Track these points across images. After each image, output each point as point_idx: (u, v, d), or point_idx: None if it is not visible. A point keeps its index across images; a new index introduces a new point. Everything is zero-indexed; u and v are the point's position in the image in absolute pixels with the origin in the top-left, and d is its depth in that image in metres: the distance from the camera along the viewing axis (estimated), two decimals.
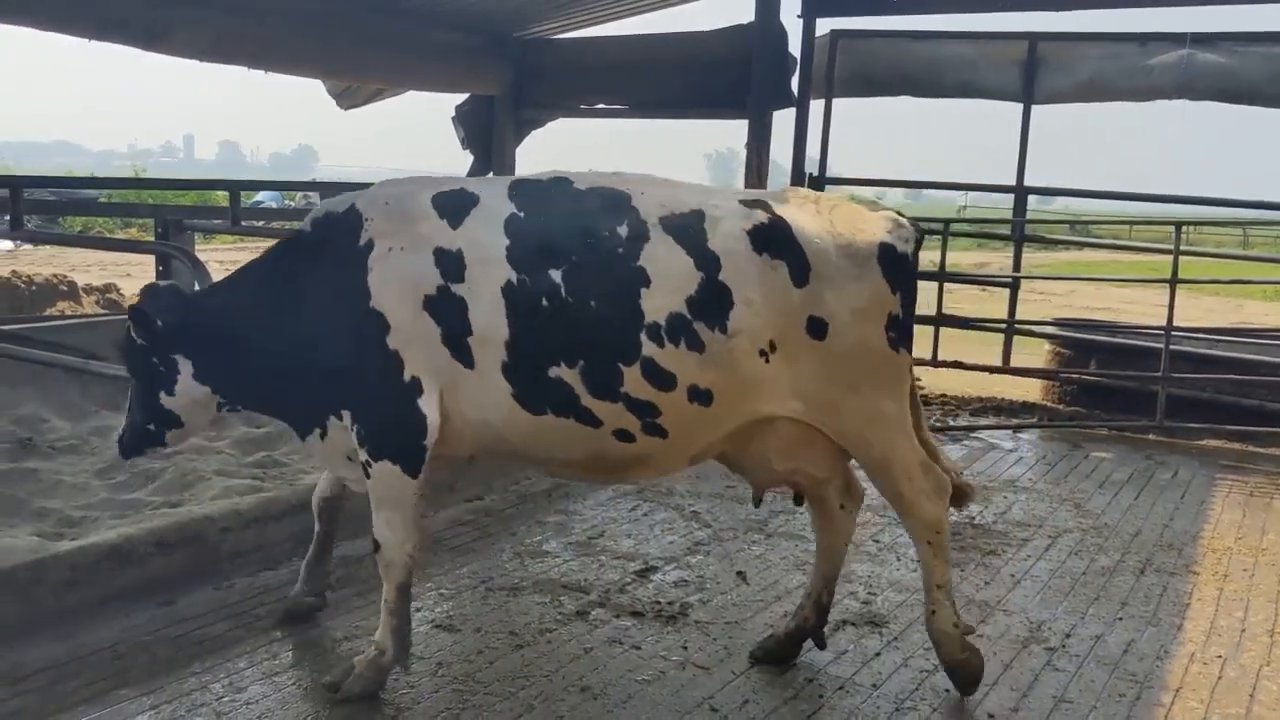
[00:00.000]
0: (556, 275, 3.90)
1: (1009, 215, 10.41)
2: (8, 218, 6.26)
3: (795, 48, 9.90)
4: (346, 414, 4.08)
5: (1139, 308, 18.00)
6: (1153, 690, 4.42)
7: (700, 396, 3.95)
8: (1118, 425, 8.89)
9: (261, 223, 10.58)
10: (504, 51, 10.81)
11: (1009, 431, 8.95)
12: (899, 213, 4.28)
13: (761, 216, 4.03)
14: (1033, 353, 10.71)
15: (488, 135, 11.09)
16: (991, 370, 9.11)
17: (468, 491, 6.51)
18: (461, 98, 11.17)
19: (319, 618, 4.75)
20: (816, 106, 9.93)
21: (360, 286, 3.98)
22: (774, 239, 3.98)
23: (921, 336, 9.60)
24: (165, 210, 7.91)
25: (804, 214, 4.11)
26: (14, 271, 12.15)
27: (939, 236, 8.91)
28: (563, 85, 10.84)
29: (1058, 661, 4.64)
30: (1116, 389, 9.20)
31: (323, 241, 4.15)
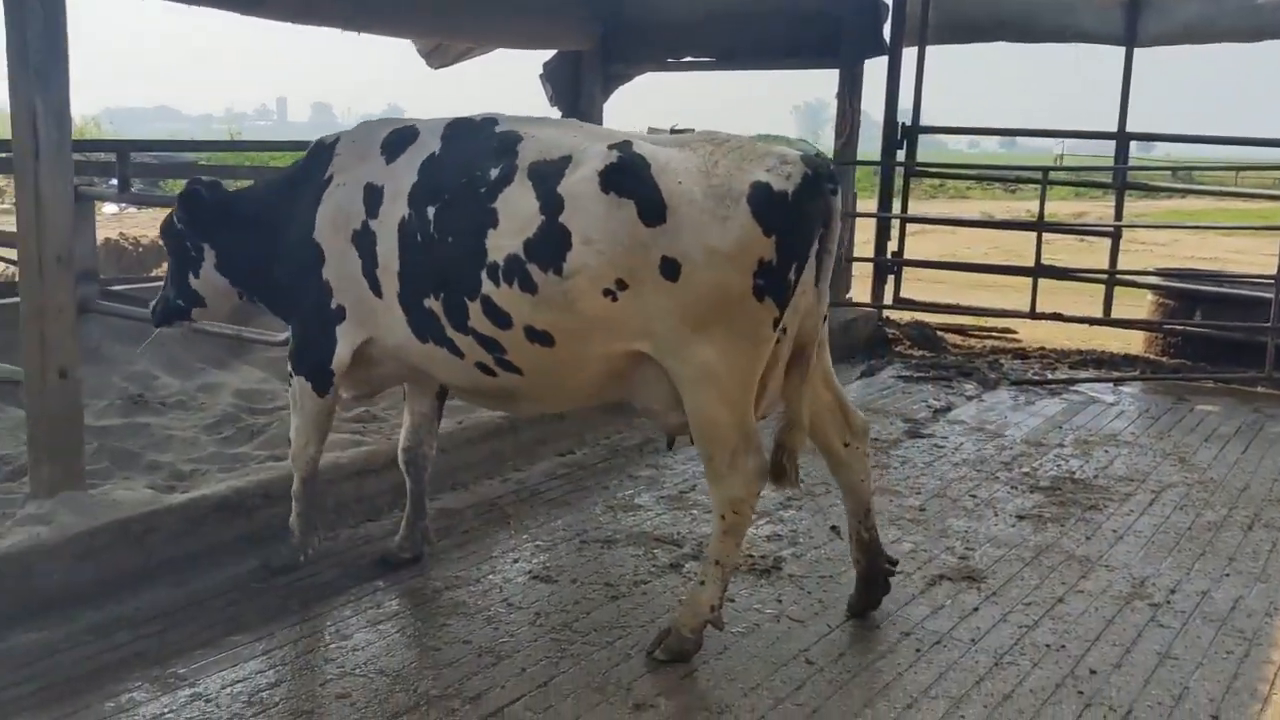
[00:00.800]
0: (431, 212, 4.17)
1: (1109, 164, 10.12)
2: (114, 181, 6.42)
3: None
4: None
5: (1246, 257, 17.39)
6: (1262, 648, 4.31)
7: (539, 337, 4.02)
8: (1224, 378, 8.64)
9: None
10: (591, 6, 10.77)
11: (1110, 384, 8.76)
12: (818, 154, 4.00)
13: (614, 156, 3.90)
14: (1135, 304, 10.43)
15: (575, 91, 11.09)
16: (1091, 322, 8.93)
17: (559, 445, 6.57)
18: (549, 54, 11.17)
19: (421, 567, 4.84)
20: (910, 55, 9.75)
21: (311, 217, 4.44)
22: (623, 178, 3.86)
23: (1016, 288, 9.52)
24: (263, 172, 8.05)
25: (682, 154, 3.91)
26: (121, 234, 12.50)
27: (1037, 186, 8.71)
28: (650, 39, 10.79)
29: (1162, 617, 4.55)
30: (1222, 340, 8.94)
31: (308, 168, 4.60)
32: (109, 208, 18.68)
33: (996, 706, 3.82)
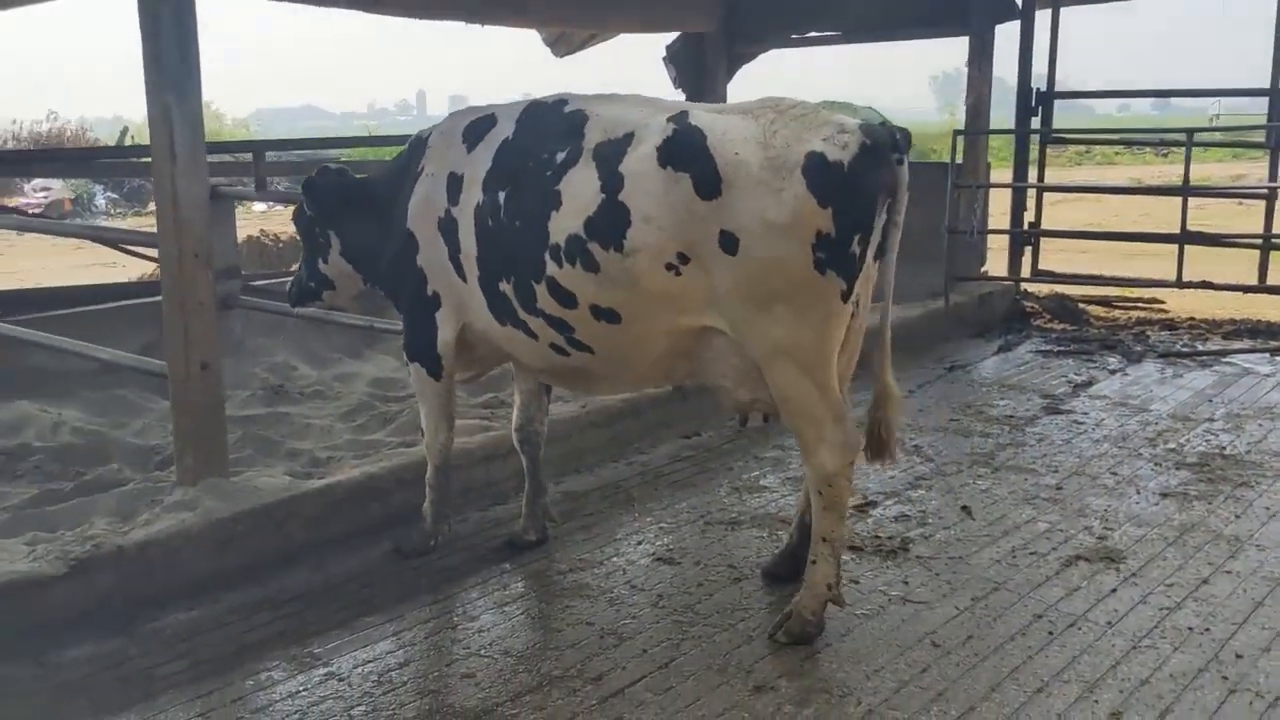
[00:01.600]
0: (501, 197, 4.25)
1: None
2: (253, 180, 6.66)
3: None
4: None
5: None
6: None
7: (605, 315, 4.05)
8: None
9: None
10: None
11: (1266, 355, 8.33)
12: (883, 122, 3.81)
13: (671, 130, 3.86)
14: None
15: (699, 73, 11.05)
16: (1244, 289, 8.50)
17: (684, 428, 6.56)
18: (672, 37, 11.15)
19: (545, 550, 4.91)
20: (1043, 19, 9.41)
21: (406, 207, 4.58)
22: (679, 152, 3.82)
23: (1166, 256, 9.11)
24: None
25: (744, 122, 3.82)
26: (262, 230, 12.96)
27: (1187, 149, 8.33)
28: (773, 15, 10.67)
29: None
30: None
31: (406, 160, 4.76)
32: (257, 206, 19.38)
33: (1133, 692, 3.68)
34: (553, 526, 5.07)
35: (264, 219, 19.43)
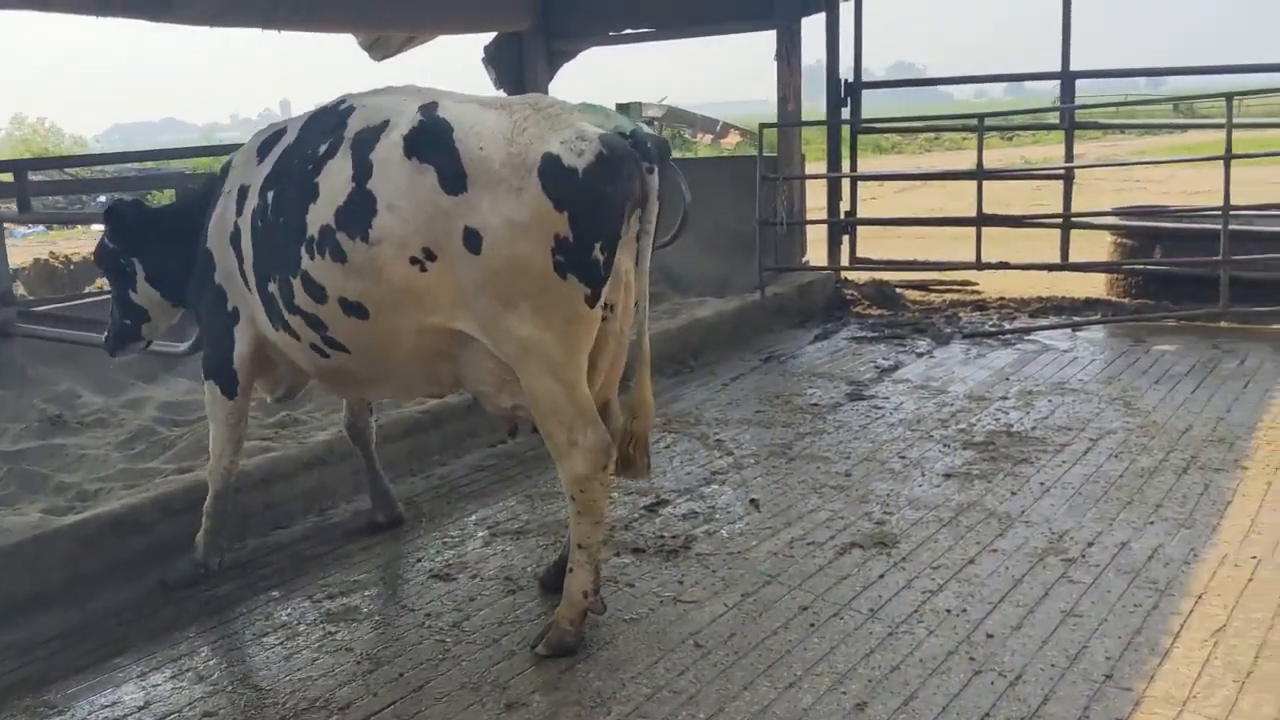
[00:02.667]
0: (269, 197, 4.24)
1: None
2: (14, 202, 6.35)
3: None
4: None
5: (1205, 195, 17.07)
6: (1173, 598, 4.17)
7: (352, 309, 4.01)
8: (1184, 315, 8.45)
9: None
10: None
11: (1068, 331, 8.58)
12: (633, 131, 3.72)
13: (418, 120, 3.84)
14: (1099, 245, 10.18)
15: (519, 73, 10.94)
16: (1043, 268, 8.73)
17: (491, 437, 6.46)
18: (490, 38, 11.03)
19: (317, 574, 4.75)
20: (848, 10, 9.55)
21: (206, 227, 4.57)
22: (425, 143, 3.79)
23: (965, 239, 9.31)
24: (190, 179, 7.97)
25: (492, 118, 3.76)
26: (51, 253, 12.42)
27: (1044, 131, 8.53)
28: (588, 14, 10.64)
29: (1074, 573, 4.41)
30: (1183, 277, 8.74)
31: (212, 181, 4.79)
32: (21, 229, 18.42)
33: (882, 680, 3.69)
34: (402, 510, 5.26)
35: (52, 240, 18.53)
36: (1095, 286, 9.79)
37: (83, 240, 18.21)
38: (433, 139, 3.78)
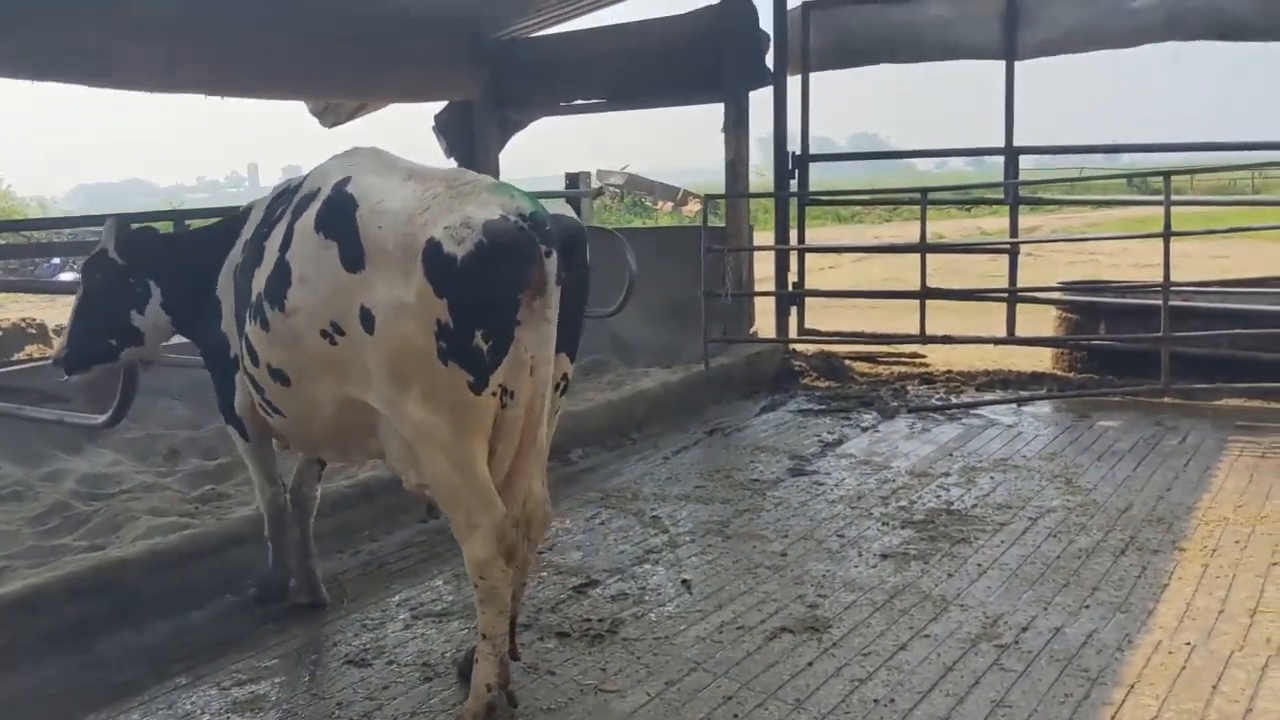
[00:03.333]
0: (244, 255, 4.38)
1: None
2: None
3: (768, 24, 9.59)
4: None
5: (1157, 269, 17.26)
6: (1105, 687, 4.06)
7: (277, 375, 4.14)
8: (1130, 391, 8.44)
9: None
10: (478, 55, 10.66)
11: (1014, 405, 8.54)
12: (533, 213, 3.59)
13: (329, 194, 3.92)
14: (1049, 318, 10.20)
15: (469, 142, 10.92)
16: (983, 342, 8.73)
17: (422, 512, 6.29)
18: (440, 106, 11.02)
19: (231, 656, 4.56)
20: (795, 84, 9.61)
21: (219, 273, 4.63)
22: (330, 219, 3.85)
23: (910, 310, 9.29)
24: None
25: (403, 195, 3.72)
26: None
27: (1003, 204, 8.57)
28: (539, 84, 10.66)
29: (1006, 660, 4.30)
30: (1127, 352, 8.75)
31: (230, 226, 4.74)
32: None
33: None
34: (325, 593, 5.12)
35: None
36: (1042, 360, 9.78)
37: (14, 307, 17.87)
38: (338, 214, 3.81)
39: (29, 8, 7.07)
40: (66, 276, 22.44)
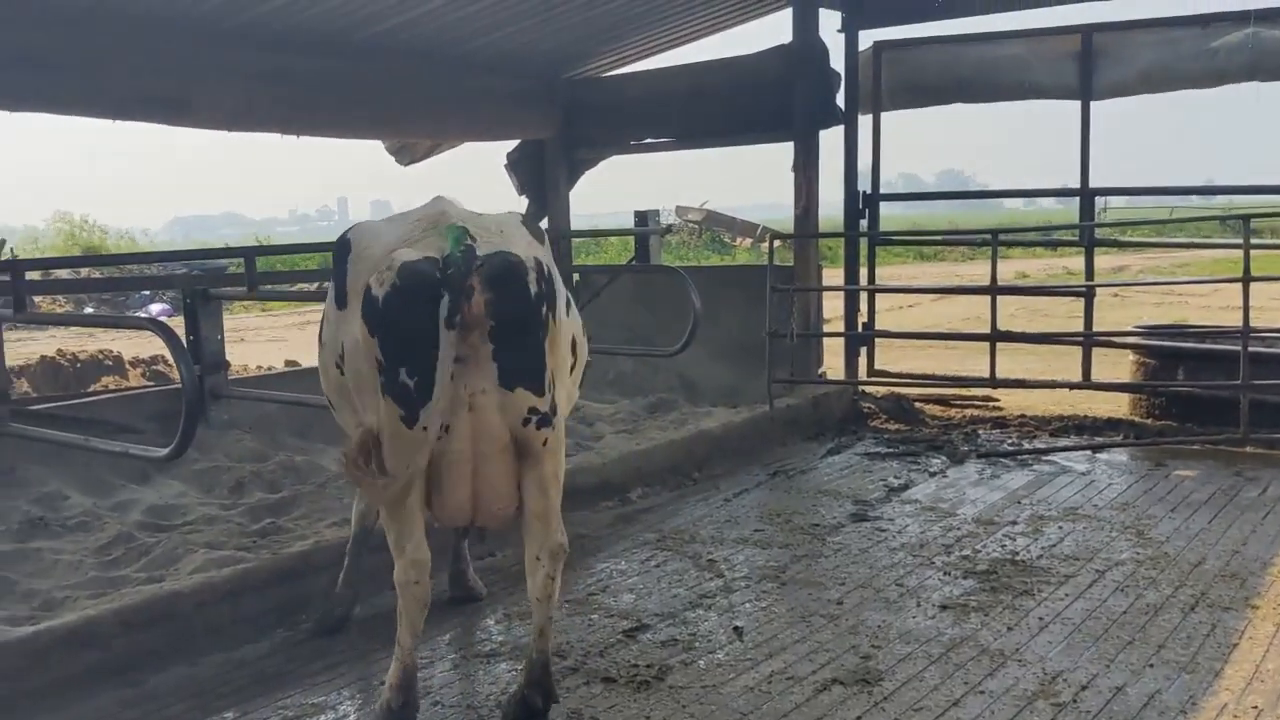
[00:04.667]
0: None
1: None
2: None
3: (840, 64, 9.54)
4: None
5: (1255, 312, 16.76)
6: None
7: (328, 401, 4.61)
8: (1208, 439, 8.17)
9: (282, 286, 10.66)
10: (551, 94, 10.74)
11: (1088, 452, 8.32)
12: (466, 239, 3.85)
13: (344, 234, 4.35)
14: (1122, 363, 9.94)
15: (540, 179, 11.00)
16: (1057, 386, 8.52)
17: (477, 550, 6.29)
18: (513, 144, 11.12)
19: (277, 693, 4.58)
20: (866, 123, 9.54)
21: None
22: (335, 259, 4.26)
23: (1009, 353, 9.10)
24: (194, 280, 8.01)
25: (391, 238, 4.07)
26: (59, 350, 12.51)
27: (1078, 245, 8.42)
28: (610, 122, 10.70)
29: None
30: (1207, 399, 8.47)
31: None
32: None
33: None
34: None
35: (59, 338, 18.61)
36: (1119, 405, 9.52)
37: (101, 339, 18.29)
38: (337, 255, 4.25)
39: (109, 50, 7.28)
40: (156, 308, 23.12)
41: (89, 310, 22.80)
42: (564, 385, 4.33)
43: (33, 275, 7.11)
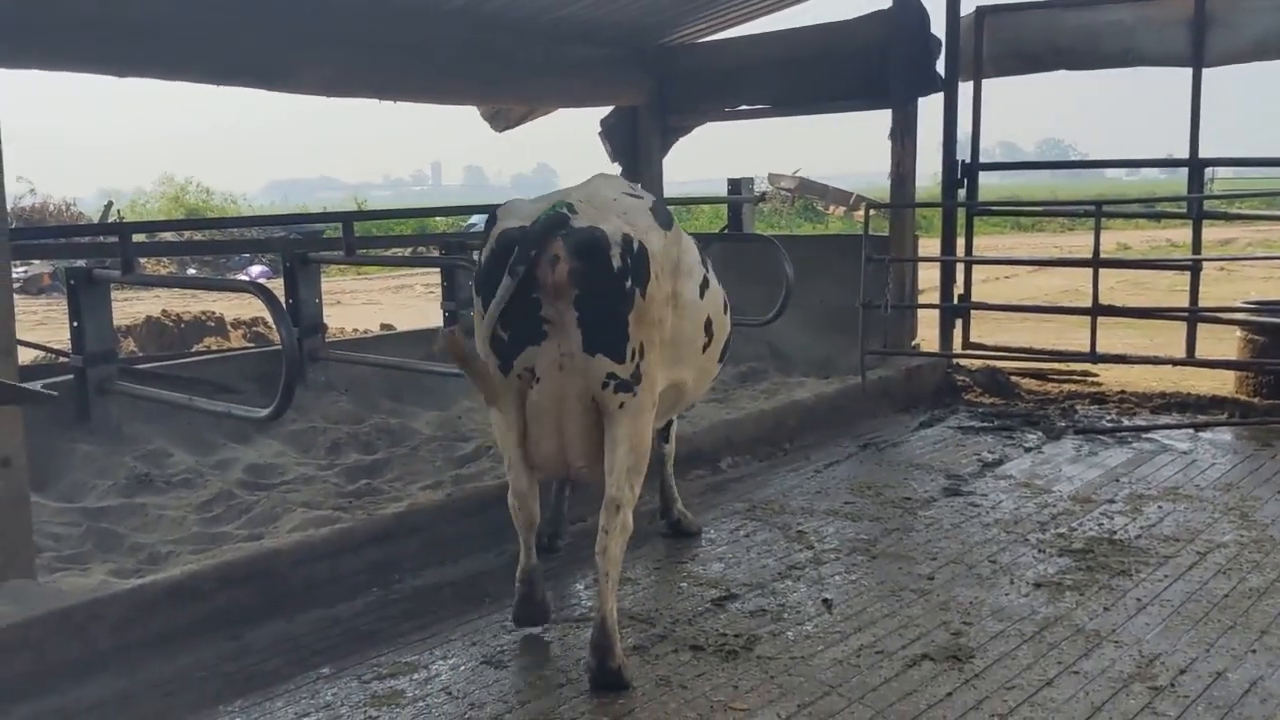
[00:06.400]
0: None
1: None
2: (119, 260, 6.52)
3: (940, 29, 9.34)
4: None
5: None
6: None
7: None
8: None
9: (378, 251, 10.76)
10: (644, 61, 10.68)
11: (1190, 431, 8.10)
12: (564, 209, 4.28)
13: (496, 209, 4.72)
14: (1229, 339, 9.62)
15: (634, 146, 10.98)
16: (1159, 362, 8.28)
17: (572, 514, 6.33)
18: (607, 111, 11.10)
19: (368, 651, 4.67)
20: (966, 90, 9.33)
21: None
22: (485, 226, 4.72)
23: (1086, 326, 8.87)
24: (293, 244, 8.15)
25: (531, 209, 4.45)
26: (164, 311, 12.84)
27: (1096, 220, 8.18)
28: (704, 90, 10.62)
29: (1160, 704, 4.06)
30: None
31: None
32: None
33: None
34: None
35: (163, 299, 19.04)
36: (1224, 383, 9.23)
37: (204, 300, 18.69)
38: (485, 227, 4.69)
39: (211, 18, 7.41)
40: (256, 270, 23.67)
41: (192, 272, 23.38)
42: (687, 363, 4.88)
43: (138, 237, 7.33)
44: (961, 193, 9.58)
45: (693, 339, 4.82)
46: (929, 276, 10.50)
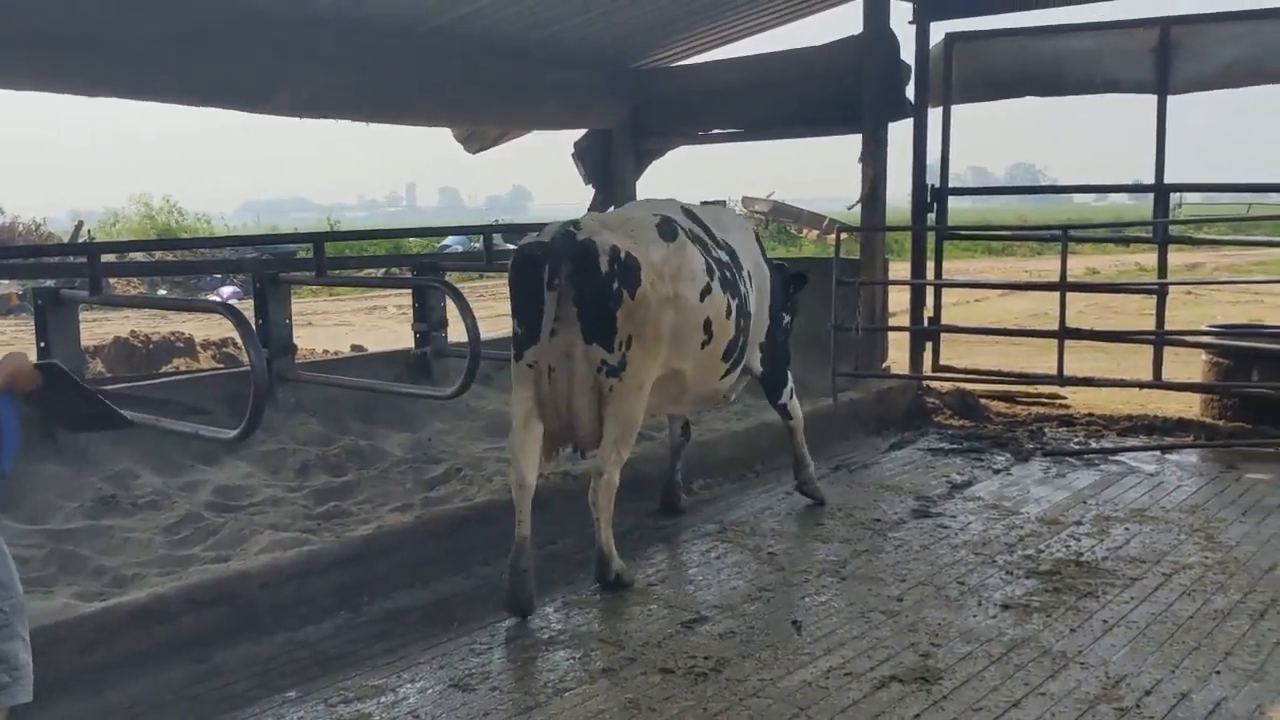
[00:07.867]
0: None
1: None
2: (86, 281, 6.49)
3: (910, 56, 9.44)
4: None
5: None
6: None
7: None
8: None
9: (350, 271, 10.72)
10: (618, 84, 10.74)
11: (1156, 453, 8.17)
12: (571, 227, 5.27)
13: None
14: (1195, 362, 9.74)
15: (607, 169, 11.02)
16: (1126, 385, 8.36)
17: (540, 537, 6.31)
18: (580, 133, 11.15)
19: (338, 675, 4.64)
20: (935, 116, 9.42)
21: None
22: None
23: (1077, 350, 8.95)
24: (263, 264, 8.13)
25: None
26: (133, 331, 12.76)
27: (1063, 245, 8.27)
28: (678, 113, 10.70)
29: None
30: None
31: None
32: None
33: None
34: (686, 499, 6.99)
35: (132, 320, 18.90)
36: (1190, 406, 9.33)
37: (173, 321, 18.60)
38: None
39: (191, 40, 7.40)
40: (227, 291, 23.53)
41: (162, 293, 23.26)
42: (687, 356, 5.60)
43: (108, 258, 7.29)
44: (931, 217, 9.67)
45: (692, 335, 5.57)
46: (899, 299, 10.58)
